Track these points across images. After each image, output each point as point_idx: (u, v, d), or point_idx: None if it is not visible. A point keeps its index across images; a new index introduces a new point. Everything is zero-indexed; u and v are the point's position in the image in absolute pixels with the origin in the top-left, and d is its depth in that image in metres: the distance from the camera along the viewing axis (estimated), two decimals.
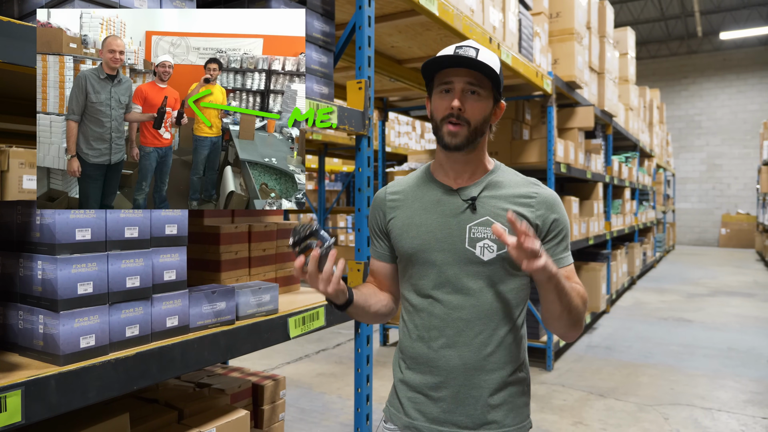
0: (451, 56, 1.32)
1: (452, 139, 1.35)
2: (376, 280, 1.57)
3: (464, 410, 1.38)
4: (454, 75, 1.35)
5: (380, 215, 1.52)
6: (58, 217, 1.29)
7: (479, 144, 1.41)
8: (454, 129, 1.34)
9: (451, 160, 1.42)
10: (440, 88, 1.37)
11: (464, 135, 1.35)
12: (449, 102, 1.35)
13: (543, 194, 1.41)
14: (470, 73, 1.34)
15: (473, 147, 1.39)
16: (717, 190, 17.50)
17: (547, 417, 3.73)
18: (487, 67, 1.32)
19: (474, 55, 1.32)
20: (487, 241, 1.36)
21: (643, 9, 16.37)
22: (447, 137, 1.36)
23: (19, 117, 2.05)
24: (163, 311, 1.52)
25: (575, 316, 1.34)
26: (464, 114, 1.34)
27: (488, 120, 1.40)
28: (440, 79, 1.37)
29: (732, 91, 17.26)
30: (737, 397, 4.14)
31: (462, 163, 1.42)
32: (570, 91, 5.17)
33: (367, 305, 1.43)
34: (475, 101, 1.35)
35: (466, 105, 1.34)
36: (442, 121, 1.36)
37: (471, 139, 1.36)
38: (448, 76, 1.35)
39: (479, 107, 1.36)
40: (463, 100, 1.34)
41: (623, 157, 8.55)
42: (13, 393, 1.14)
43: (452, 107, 1.33)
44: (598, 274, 6.14)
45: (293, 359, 5.05)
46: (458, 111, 1.33)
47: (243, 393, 2.34)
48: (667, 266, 12.22)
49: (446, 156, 1.42)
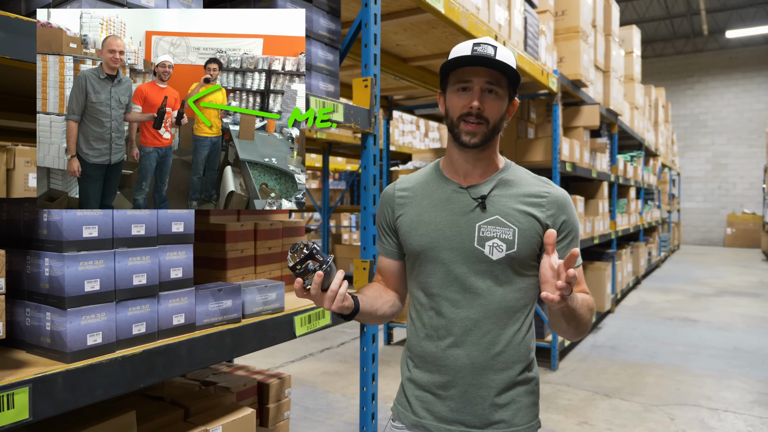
0: (471, 56, 1.31)
1: (471, 138, 1.35)
2: (383, 277, 1.56)
3: (472, 409, 1.37)
4: (472, 74, 1.33)
5: (389, 212, 1.51)
6: (65, 214, 1.29)
7: (493, 142, 1.41)
8: (473, 128, 1.34)
9: (464, 157, 1.41)
10: (457, 85, 1.36)
11: (483, 133, 1.35)
12: (467, 101, 1.34)
13: (554, 194, 1.40)
14: (489, 72, 1.33)
15: (488, 145, 1.39)
16: (722, 190, 17.42)
17: (552, 417, 3.72)
18: (507, 66, 1.31)
19: (493, 54, 1.31)
20: (497, 240, 1.35)
21: (649, 7, 16.31)
22: (465, 136, 1.35)
23: (27, 114, 2.05)
24: (169, 309, 1.52)
25: (582, 328, 1.34)
26: (483, 113, 1.34)
27: (504, 118, 1.40)
28: (458, 77, 1.36)
29: (738, 89, 17.18)
30: (744, 397, 4.12)
31: (474, 161, 1.41)
32: (575, 89, 5.16)
33: (374, 309, 1.42)
34: (493, 100, 1.34)
35: (484, 104, 1.33)
36: (459, 119, 1.35)
37: (489, 137, 1.36)
38: (467, 74, 1.34)
39: (497, 106, 1.35)
40: (481, 99, 1.33)
41: (628, 156, 8.53)
42: (20, 390, 1.14)
43: (471, 106, 1.33)
44: (603, 274, 6.12)
45: (298, 358, 5.05)
46: (477, 110, 1.33)
47: (248, 391, 2.34)
48: (673, 266, 12.18)
49: (460, 153, 1.41)
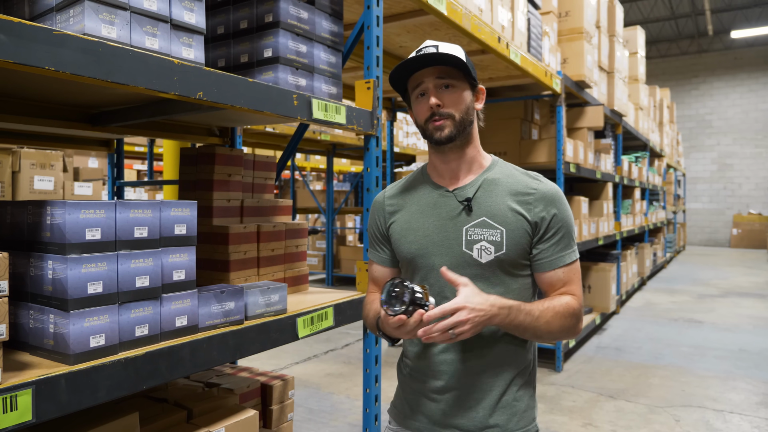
0: (414, 58, 1.33)
1: (440, 133, 1.35)
2: (377, 286, 1.55)
3: (466, 413, 1.36)
4: (422, 76, 1.36)
5: (381, 220, 1.51)
6: (68, 216, 1.30)
7: (470, 136, 1.40)
8: (439, 122, 1.35)
9: (445, 159, 1.41)
10: (415, 93, 1.38)
11: (451, 126, 1.35)
12: (427, 103, 1.35)
13: (542, 189, 1.38)
14: (437, 69, 1.34)
15: (464, 139, 1.38)
16: (728, 190, 17.34)
17: (557, 418, 3.71)
18: (452, 57, 1.31)
19: (435, 51, 1.32)
20: (485, 242, 1.34)
21: (653, 8, 16.26)
22: (434, 132, 1.36)
23: (30, 118, 2.07)
24: (172, 311, 1.52)
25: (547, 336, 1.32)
26: (444, 109, 1.35)
27: (471, 108, 1.39)
28: (412, 85, 1.39)
29: (743, 90, 17.10)
30: (750, 399, 4.10)
31: (456, 161, 1.40)
32: (579, 90, 5.14)
33: None
34: (451, 93, 1.35)
35: (443, 100, 1.35)
36: (427, 122, 1.37)
37: (459, 129, 1.36)
38: (418, 79, 1.37)
39: (457, 98, 1.36)
40: (439, 96, 1.34)
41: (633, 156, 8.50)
42: (23, 392, 1.14)
43: (431, 106, 1.34)
44: (607, 275, 6.10)
45: (302, 359, 5.05)
46: (437, 107, 1.34)
47: (252, 393, 2.34)
48: (678, 267, 12.13)
49: (438, 155, 1.41)
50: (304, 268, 2.43)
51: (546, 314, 1.30)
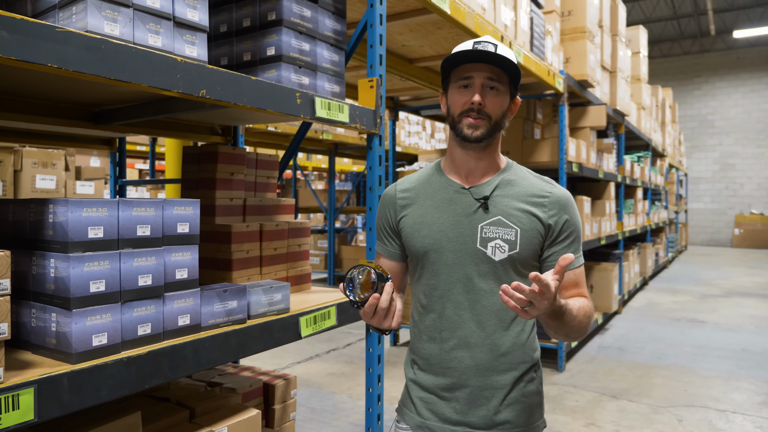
0: (471, 51, 1.32)
1: (473, 131, 1.35)
2: None
3: (477, 411, 1.37)
4: (473, 70, 1.34)
5: (391, 213, 1.51)
6: (70, 215, 1.29)
7: (495, 140, 1.41)
8: (475, 122, 1.34)
9: (466, 156, 1.41)
10: (459, 83, 1.36)
11: (485, 128, 1.35)
12: (469, 97, 1.34)
13: (556, 194, 1.40)
14: (490, 68, 1.34)
15: (490, 141, 1.39)
16: (730, 190, 17.31)
17: (559, 418, 3.70)
18: (508, 62, 1.32)
19: (493, 51, 1.32)
20: (499, 241, 1.35)
21: (656, 7, 16.23)
22: (467, 129, 1.35)
23: (32, 116, 2.06)
24: (174, 310, 1.51)
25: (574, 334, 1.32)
26: (485, 108, 1.34)
27: (506, 115, 1.40)
28: (459, 74, 1.37)
29: (745, 90, 17.07)
30: (752, 399, 4.09)
31: (475, 160, 1.41)
32: (582, 90, 5.13)
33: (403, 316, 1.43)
34: (495, 96, 1.35)
35: (486, 100, 1.34)
36: (461, 116, 1.36)
37: (491, 132, 1.36)
38: (468, 71, 1.35)
39: (499, 102, 1.36)
40: (483, 94, 1.34)
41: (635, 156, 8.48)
42: (26, 391, 1.14)
43: (473, 102, 1.33)
44: (610, 275, 6.08)
45: (304, 359, 5.05)
46: (479, 105, 1.33)
47: (254, 392, 2.34)
48: (680, 267, 12.11)
49: (461, 151, 1.41)
50: (306, 268, 2.42)
51: (579, 313, 1.32)
